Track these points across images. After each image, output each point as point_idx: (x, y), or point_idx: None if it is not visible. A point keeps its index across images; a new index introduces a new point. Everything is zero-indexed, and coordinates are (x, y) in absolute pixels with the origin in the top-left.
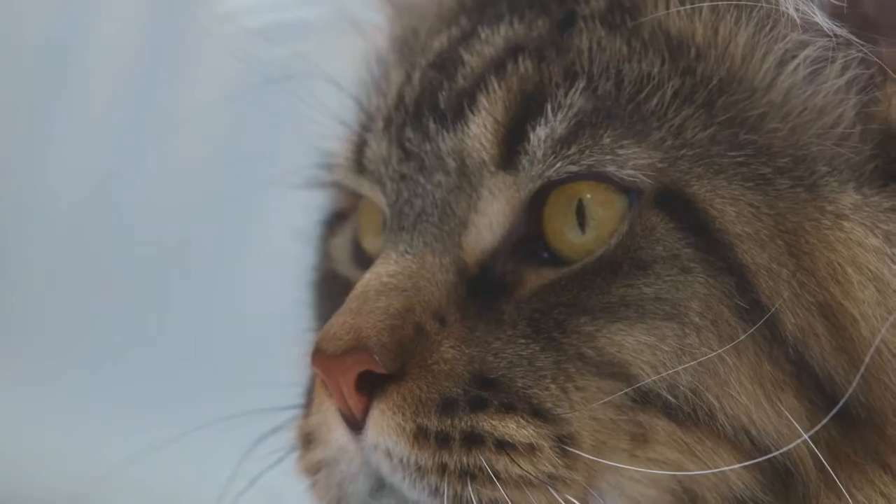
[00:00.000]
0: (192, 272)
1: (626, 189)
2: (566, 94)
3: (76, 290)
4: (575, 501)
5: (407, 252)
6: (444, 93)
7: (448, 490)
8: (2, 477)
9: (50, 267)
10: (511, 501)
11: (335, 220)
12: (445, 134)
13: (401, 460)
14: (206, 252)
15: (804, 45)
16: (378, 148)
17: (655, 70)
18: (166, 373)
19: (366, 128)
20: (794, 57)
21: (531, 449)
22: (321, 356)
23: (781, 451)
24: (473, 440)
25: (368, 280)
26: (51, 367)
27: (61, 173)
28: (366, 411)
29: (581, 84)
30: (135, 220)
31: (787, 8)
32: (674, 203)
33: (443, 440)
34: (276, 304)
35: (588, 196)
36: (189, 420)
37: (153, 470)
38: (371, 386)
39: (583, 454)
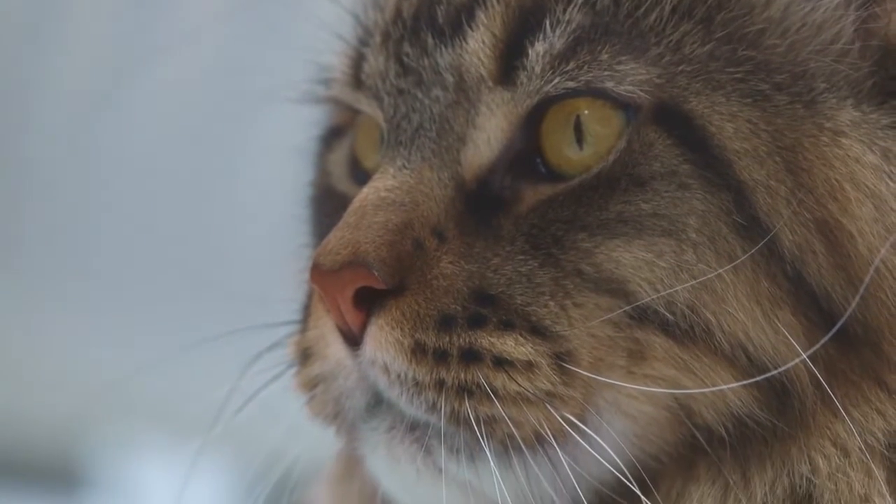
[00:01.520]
0: (190, 188)
1: (624, 105)
2: (564, 10)
3: (76, 208)
4: (572, 418)
5: (405, 167)
6: (442, 7)
7: (445, 406)
8: (1, 392)
9: (49, 185)
10: (508, 418)
11: (332, 136)
12: (443, 49)
13: (398, 376)
14: (203, 168)
15: None
16: (376, 63)
17: None
18: (164, 290)
19: (363, 42)
20: None
21: (529, 366)
22: (319, 271)
23: (780, 370)
24: (471, 357)
25: (366, 195)
26: (50, 285)
27: (60, 89)
28: (364, 327)
29: (579, 0)
30: (132, 137)
31: None
32: (672, 119)
33: (441, 356)
34: (273, 219)
35: (586, 112)
36: (187, 336)
37: (151, 386)
38: (369, 301)
39: (580, 371)
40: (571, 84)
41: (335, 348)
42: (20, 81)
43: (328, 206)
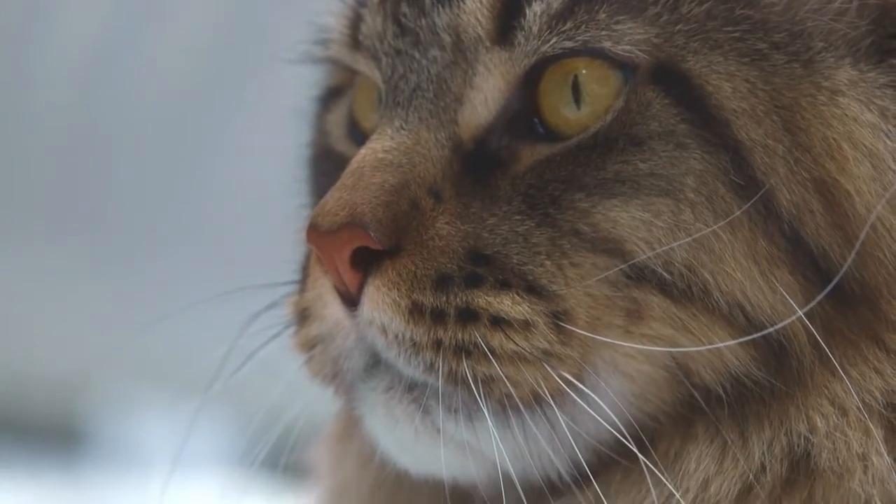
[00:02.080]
0: (191, 149)
1: (621, 65)
2: None
3: (79, 167)
4: (570, 377)
5: (402, 128)
6: None
7: (443, 366)
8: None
9: (51, 145)
10: (506, 378)
11: (330, 96)
12: (441, 9)
13: (396, 336)
14: (203, 129)
15: None
16: (373, 23)
17: None
18: (164, 250)
19: (361, 3)
20: None
21: (526, 325)
22: (316, 232)
23: (776, 327)
24: (468, 316)
25: (363, 156)
26: (52, 244)
27: (62, 46)
28: (361, 287)
29: None
30: (134, 97)
31: None
32: (669, 79)
33: (438, 316)
34: (272, 180)
35: (583, 72)
36: (185, 297)
37: (151, 345)
38: (366, 262)
39: (577, 330)
40: (569, 44)
41: (333, 309)
42: (24, 41)
43: (326, 166)
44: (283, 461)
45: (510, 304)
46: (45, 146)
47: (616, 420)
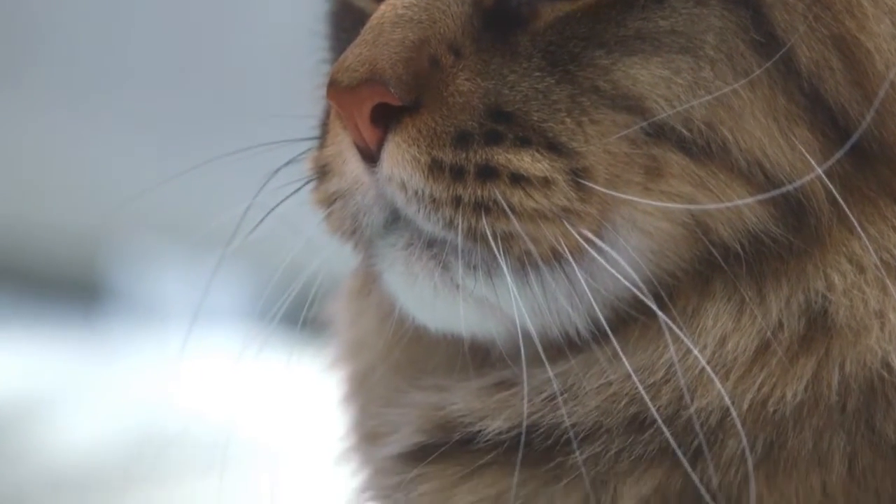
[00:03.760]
0: (211, 2)
1: None
2: None
3: (99, 21)
4: (589, 234)
5: None
6: None
7: (462, 223)
8: (18, 205)
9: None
10: (525, 234)
11: None
12: None
13: (415, 192)
14: None
15: None
16: None
17: None
18: (185, 105)
19: None
20: None
21: (546, 182)
22: (336, 88)
23: (795, 184)
24: (488, 173)
25: (384, 12)
26: (73, 99)
27: None
28: (381, 144)
29: None
30: None
31: None
32: None
33: (457, 173)
34: (292, 35)
35: None
36: (205, 151)
37: (170, 201)
38: (386, 118)
39: (597, 187)
40: None
41: (352, 165)
42: None
43: (347, 21)
44: (302, 316)
45: (530, 162)
46: None
47: (634, 277)
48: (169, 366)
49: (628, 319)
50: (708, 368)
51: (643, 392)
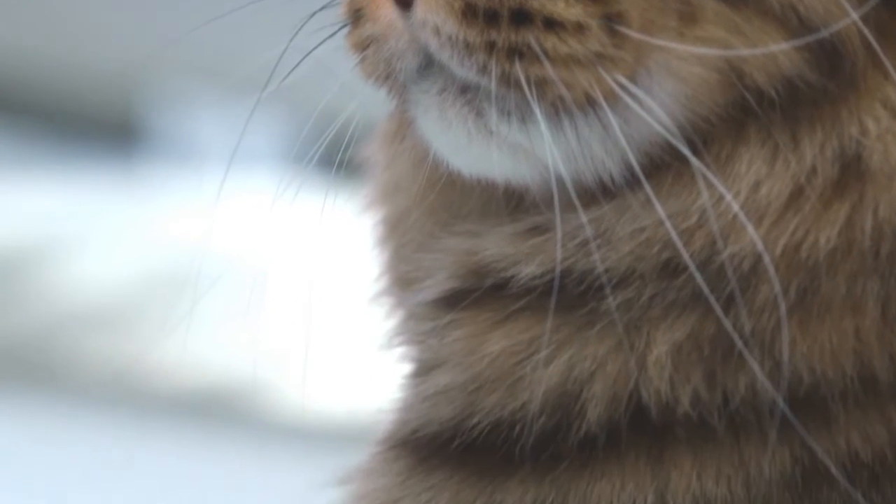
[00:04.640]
0: None
1: None
2: None
3: None
4: (623, 80)
5: None
6: None
7: (496, 68)
8: (57, 46)
9: None
10: (559, 80)
11: None
12: None
13: (449, 37)
14: None
15: None
16: None
17: None
18: None
19: None
20: None
21: (579, 27)
22: None
23: (830, 30)
24: (522, 18)
25: None
26: None
27: None
28: None
29: None
30: None
31: None
32: None
33: (491, 17)
34: None
35: None
36: None
37: (206, 43)
38: None
39: (631, 33)
40: None
41: (386, 10)
42: None
43: None
44: (337, 158)
45: (564, 6)
46: None
47: (668, 122)
48: (204, 208)
49: (662, 166)
50: (741, 213)
51: (676, 237)
